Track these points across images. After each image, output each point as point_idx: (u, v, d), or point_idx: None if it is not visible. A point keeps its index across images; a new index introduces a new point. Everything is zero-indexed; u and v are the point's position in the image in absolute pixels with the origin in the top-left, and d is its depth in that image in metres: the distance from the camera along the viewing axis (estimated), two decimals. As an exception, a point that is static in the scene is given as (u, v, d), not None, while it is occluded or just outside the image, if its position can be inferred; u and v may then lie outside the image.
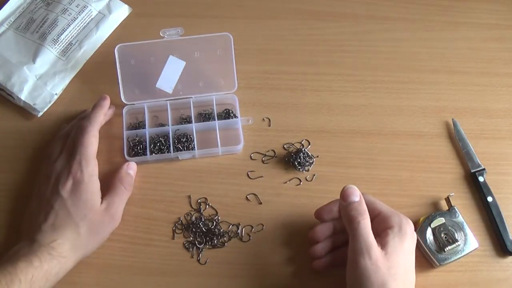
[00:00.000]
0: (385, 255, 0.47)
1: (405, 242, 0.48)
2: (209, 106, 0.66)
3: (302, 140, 0.64)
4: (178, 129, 0.64)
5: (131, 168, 0.60)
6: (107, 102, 0.62)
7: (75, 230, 0.52)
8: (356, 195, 0.50)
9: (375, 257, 0.46)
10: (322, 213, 0.55)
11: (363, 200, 0.50)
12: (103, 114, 0.61)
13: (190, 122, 0.65)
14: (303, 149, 0.63)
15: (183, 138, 0.63)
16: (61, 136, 0.60)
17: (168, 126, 0.64)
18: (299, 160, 0.62)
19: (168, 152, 0.62)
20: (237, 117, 0.65)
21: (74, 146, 0.56)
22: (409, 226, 0.50)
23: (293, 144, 0.64)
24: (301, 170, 0.62)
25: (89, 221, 0.53)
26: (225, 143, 0.63)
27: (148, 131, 0.63)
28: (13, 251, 0.50)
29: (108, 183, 0.58)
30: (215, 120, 0.64)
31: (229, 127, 0.65)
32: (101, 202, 0.55)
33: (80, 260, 0.53)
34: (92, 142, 0.57)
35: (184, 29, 0.63)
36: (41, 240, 0.50)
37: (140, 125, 0.65)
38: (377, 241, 0.48)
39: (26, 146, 0.63)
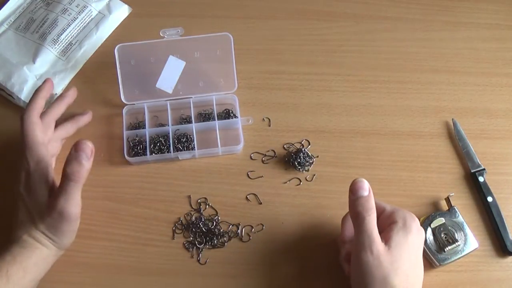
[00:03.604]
0: (388, 250, 0.46)
1: (409, 237, 0.48)
2: (209, 106, 0.66)
3: (302, 140, 0.64)
4: (178, 129, 0.64)
5: (84, 153, 0.48)
6: (47, 85, 0.58)
7: (35, 225, 0.51)
8: (365, 189, 0.48)
9: (377, 252, 0.46)
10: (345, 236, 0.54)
11: (372, 195, 0.48)
12: (40, 98, 0.57)
13: (190, 122, 0.65)
14: (303, 149, 0.63)
15: (183, 138, 0.63)
16: None
17: (168, 126, 0.64)
18: (299, 160, 0.62)
19: (168, 152, 0.62)
20: (237, 117, 0.65)
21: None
22: (414, 221, 0.49)
23: (293, 144, 0.64)
24: (301, 170, 0.62)
25: (42, 215, 0.50)
26: (225, 143, 0.63)
27: (148, 131, 0.63)
28: None
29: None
30: (215, 120, 0.64)
31: (229, 127, 0.65)
32: (49, 196, 0.51)
33: (58, 251, 0.52)
34: (31, 129, 0.53)
35: (184, 29, 0.63)
36: (13, 237, 0.51)
37: (140, 125, 0.65)
38: (382, 237, 0.47)
39: (26, 146, 0.63)
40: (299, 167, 0.62)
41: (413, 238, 0.48)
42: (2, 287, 0.47)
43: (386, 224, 0.50)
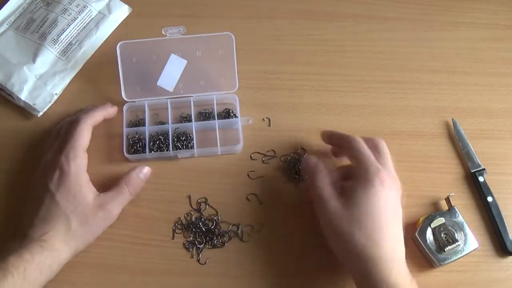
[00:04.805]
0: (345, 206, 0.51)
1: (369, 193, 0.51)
2: (209, 105, 0.66)
3: (299, 149, 0.64)
4: (178, 128, 0.64)
5: (143, 172, 0.59)
6: (112, 109, 0.63)
7: (66, 222, 0.51)
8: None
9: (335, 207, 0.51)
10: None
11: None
12: (102, 115, 0.61)
13: (190, 121, 0.65)
14: (301, 159, 0.62)
15: (182, 137, 0.63)
16: (55, 130, 0.60)
17: (168, 124, 0.64)
18: (298, 168, 0.62)
19: (167, 151, 0.62)
20: (237, 116, 0.65)
21: (65, 138, 0.56)
22: (377, 176, 0.51)
23: (291, 155, 0.63)
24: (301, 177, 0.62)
25: (80, 214, 0.52)
26: (224, 143, 0.63)
27: (148, 129, 0.63)
28: (4, 248, 0.50)
29: (109, 180, 0.58)
30: (215, 119, 0.64)
31: (229, 126, 0.65)
32: (97, 196, 0.54)
33: (75, 253, 0.53)
34: (83, 134, 0.56)
35: (186, 28, 0.63)
36: (32, 234, 0.50)
37: (140, 122, 0.65)
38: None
39: (26, 146, 0.63)
40: (298, 176, 0.62)
41: (373, 194, 0.51)
42: (18, 287, 0.46)
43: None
